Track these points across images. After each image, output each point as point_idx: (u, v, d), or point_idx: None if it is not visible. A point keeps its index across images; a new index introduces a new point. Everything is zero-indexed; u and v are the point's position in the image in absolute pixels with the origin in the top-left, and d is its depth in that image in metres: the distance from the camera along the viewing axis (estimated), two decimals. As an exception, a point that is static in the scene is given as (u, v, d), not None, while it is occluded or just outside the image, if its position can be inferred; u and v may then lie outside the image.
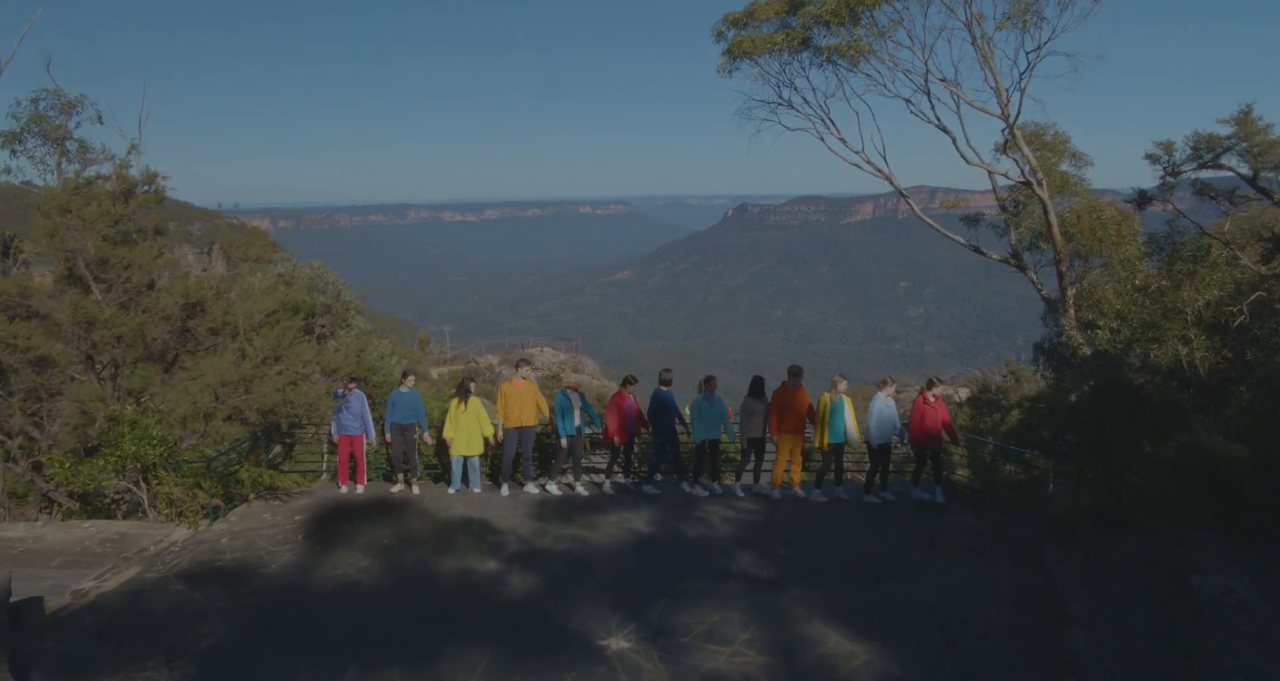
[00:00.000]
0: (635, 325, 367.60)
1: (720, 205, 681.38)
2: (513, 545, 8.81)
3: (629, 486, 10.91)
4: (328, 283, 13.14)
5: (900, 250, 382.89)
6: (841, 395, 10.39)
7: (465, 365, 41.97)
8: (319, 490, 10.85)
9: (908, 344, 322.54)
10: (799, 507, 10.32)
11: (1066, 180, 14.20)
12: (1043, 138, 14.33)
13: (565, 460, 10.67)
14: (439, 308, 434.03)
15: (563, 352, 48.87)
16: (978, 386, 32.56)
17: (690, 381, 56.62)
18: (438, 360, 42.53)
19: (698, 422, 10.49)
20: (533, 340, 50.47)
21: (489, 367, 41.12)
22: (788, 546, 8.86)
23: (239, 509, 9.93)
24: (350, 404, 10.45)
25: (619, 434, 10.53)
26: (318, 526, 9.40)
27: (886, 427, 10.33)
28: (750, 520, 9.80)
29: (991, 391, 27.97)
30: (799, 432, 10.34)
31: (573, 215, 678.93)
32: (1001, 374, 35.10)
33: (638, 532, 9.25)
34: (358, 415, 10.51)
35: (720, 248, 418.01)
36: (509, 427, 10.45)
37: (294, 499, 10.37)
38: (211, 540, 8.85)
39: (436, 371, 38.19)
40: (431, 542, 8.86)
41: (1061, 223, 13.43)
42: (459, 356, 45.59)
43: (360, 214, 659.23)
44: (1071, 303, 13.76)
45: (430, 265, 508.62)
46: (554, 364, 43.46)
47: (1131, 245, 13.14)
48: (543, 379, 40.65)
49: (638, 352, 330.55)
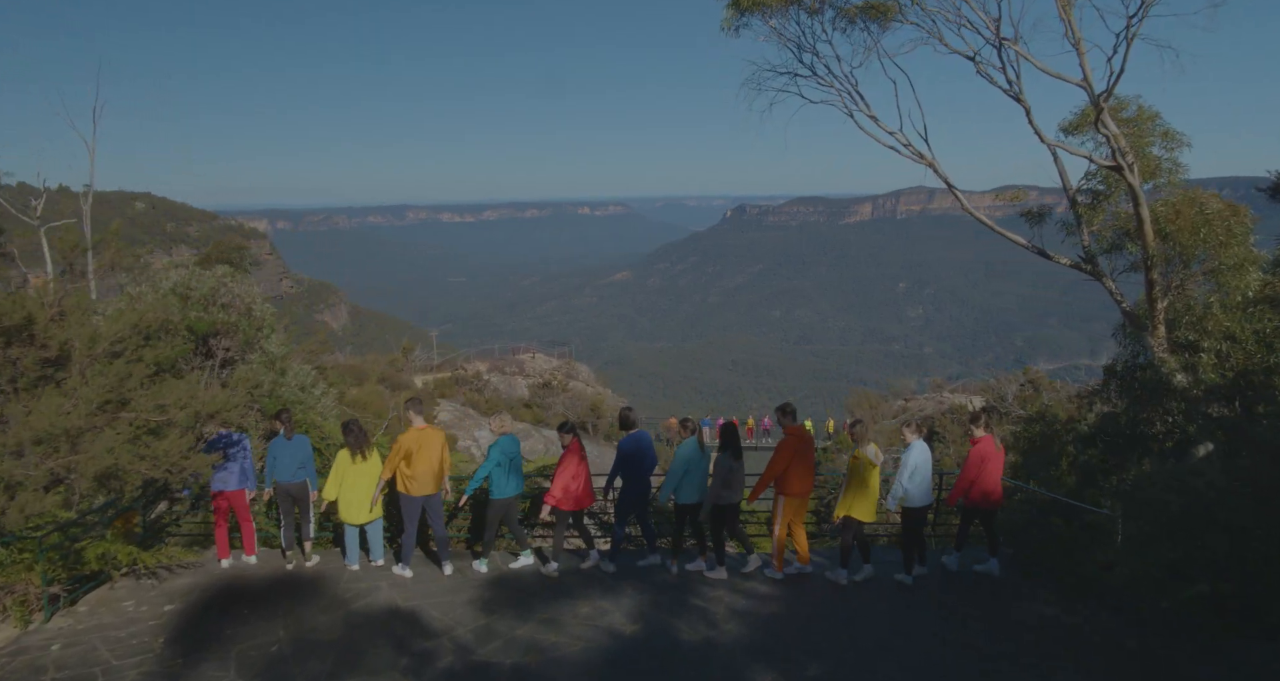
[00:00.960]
0: (634, 326, 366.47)
1: (719, 206, 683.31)
2: (446, 656, 6.44)
3: (597, 558, 8.32)
4: (235, 294, 10.32)
5: (899, 251, 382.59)
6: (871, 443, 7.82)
7: (453, 372, 39.14)
8: (210, 563, 8.46)
9: (906, 344, 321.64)
10: (822, 593, 7.93)
11: (1158, 165, 11.44)
12: (1121, 113, 11.54)
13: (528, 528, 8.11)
14: (438, 308, 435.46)
15: (555, 358, 45.41)
16: (992, 396, 29.81)
17: (688, 383, 53.66)
18: (424, 367, 39.79)
19: (689, 478, 7.91)
20: (524, 345, 47.54)
21: (476, 376, 38.29)
22: (822, 658, 6.49)
23: (95, 593, 7.59)
24: (232, 448, 8.13)
25: (570, 501, 7.92)
26: (189, 623, 7.06)
27: (928, 485, 7.96)
28: (766, 612, 7.45)
29: (1008, 402, 25.19)
30: (808, 494, 7.95)
31: (571, 216, 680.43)
32: (1018, 382, 32.32)
33: (616, 634, 6.89)
34: (236, 464, 8.11)
35: (719, 248, 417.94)
36: (409, 495, 7.81)
37: (172, 577, 7.99)
38: (37, 647, 6.49)
39: (421, 379, 35.80)
40: (335, 651, 6.49)
41: (1154, 218, 10.65)
42: (447, 363, 42.25)
43: (359, 215, 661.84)
44: (1162, 317, 10.97)
45: (429, 266, 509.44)
46: (546, 371, 40.94)
47: (1243, 246, 10.40)
48: (534, 388, 37.76)
49: (636, 354, 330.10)
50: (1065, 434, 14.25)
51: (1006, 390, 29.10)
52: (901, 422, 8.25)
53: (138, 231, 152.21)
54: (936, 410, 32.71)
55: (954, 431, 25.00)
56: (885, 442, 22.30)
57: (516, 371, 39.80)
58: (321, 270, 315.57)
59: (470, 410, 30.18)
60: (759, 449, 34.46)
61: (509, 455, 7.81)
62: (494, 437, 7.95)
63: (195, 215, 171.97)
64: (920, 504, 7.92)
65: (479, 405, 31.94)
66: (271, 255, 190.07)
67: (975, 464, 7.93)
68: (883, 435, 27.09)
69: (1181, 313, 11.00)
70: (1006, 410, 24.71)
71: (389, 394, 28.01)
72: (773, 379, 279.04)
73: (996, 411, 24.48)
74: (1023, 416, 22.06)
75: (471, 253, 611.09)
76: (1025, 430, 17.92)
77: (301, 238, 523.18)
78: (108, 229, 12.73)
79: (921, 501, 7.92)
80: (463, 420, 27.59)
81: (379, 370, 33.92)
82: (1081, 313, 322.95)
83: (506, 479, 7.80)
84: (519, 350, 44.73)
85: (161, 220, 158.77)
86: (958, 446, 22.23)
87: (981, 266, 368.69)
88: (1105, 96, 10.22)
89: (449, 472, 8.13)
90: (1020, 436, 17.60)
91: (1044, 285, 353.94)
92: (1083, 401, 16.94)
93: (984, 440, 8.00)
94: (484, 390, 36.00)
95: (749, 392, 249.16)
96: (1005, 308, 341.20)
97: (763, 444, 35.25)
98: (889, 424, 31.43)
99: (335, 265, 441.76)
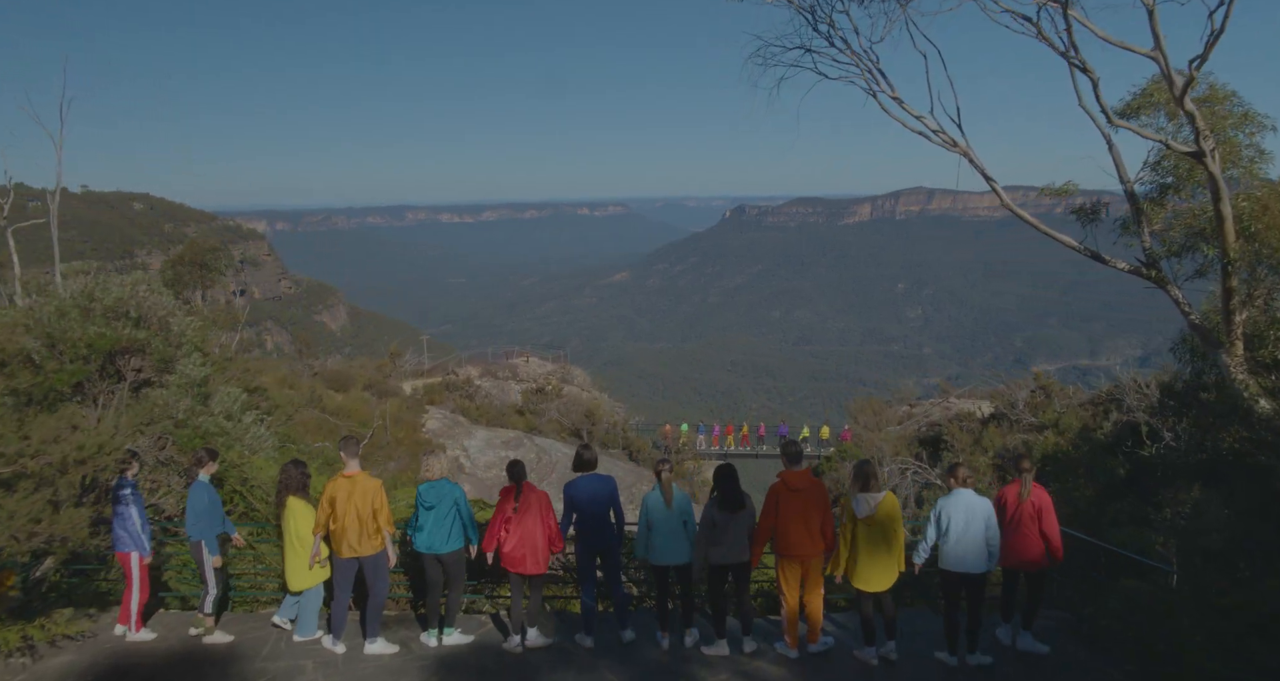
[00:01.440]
0: (633, 327, 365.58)
1: (718, 206, 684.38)
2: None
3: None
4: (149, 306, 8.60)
5: (898, 251, 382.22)
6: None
7: (444, 377, 37.62)
8: (104, 632, 7.00)
9: (906, 345, 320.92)
10: (848, 675, 6.43)
11: (1237, 152, 9.77)
12: (1190, 93, 9.83)
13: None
14: (437, 309, 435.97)
15: (550, 362, 43.43)
16: (1002, 402, 28.17)
17: (688, 384, 51.18)
18: (414, 372, 38.00)
19: (657, 536, 6.64)
20: (518, 348, 46.10)
21: (467, 382, 36.79)
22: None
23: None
24: (118, 499, 6.67)
25: (506, 559, 6.58)
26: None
27: (979, 546, 6.40)
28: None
29: (1019, 409, 23.66)
30: (815, 555, 6.51)
31: (571, 216, 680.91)
32: (1028, 388, 30.70)
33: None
34: (124, 521, 6.67)
35: (718, 249, 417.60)
36: (337, 557, 6.60)
37: (56, 653, 6.57)
38: None
39: (411, 384, 34.28)
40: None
41: (1235, 215, 8.95)
42: (438, 367, 40.29)
43: (358, 216, 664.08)
44: (1240, 332, 9.27)
45: (428, 266, 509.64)
46: (541, 375, 39.27)
47: (1340, 250, 8.72)
48: (527, 394, 36.18)
49: (635, 354, 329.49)
50: (1083, 446, 12.87)
51: (1016, 396, 27.75)
52: (948, 474, 6.54)
53: (136, 232, 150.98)
54: (943, 416, 31.00)
55: (963, 439, 23.55)
56: (894, 463, 20.65)
57: (509, 376, 38.15)
58: (321, 271, 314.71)
59: (461, 417, 28.88)
60: (759, 457, 32.68)
61: (427, 505, 6.57)
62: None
63: (194, 216, 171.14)
64: (962, 568, 6.39)
65: (469, 412, 30.57)
66: (270, 256, 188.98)
67: (1014, 520, 6.59)
68: (887, 444, 25.13)
69: (1265, 327, 9.33)
70: (1017, 417, 23.35)
71: (375, 401, 26.51)
72: (772, 379, 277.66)
73: (1006, 419, 23.02)
74: (1034, 424, 21.02)
75: (471, 253, 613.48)
76: (1041, 442, 16.18)
77: (301, 238, 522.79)
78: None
79: (964, 566, 6.38)
80: (452, 428, 26.13)
81: (365, 376, 32.40)
82: (1081, 313, 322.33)
83: (433, 531, 6.57)
84: (513, 354, 43.02)
85: (160, 221, 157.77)
86: (967, 455, 20.84)
87: (980, 266, 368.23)
88: (1198, 62, 8.46)
89: (389, 528, 6.69)
90: (1033, 446, 16.16)
91: (1043, 285, 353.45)
92: (1098, 409, 15.38)
93: (1025, 498, 6.57)
94: (475, 396, 34.42)
95: (748, 393, 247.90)
96: (1004, 308, 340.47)
97: (762, 452, 33.06)
98: (894, 431, 29.69)
99: (334, 266, 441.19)
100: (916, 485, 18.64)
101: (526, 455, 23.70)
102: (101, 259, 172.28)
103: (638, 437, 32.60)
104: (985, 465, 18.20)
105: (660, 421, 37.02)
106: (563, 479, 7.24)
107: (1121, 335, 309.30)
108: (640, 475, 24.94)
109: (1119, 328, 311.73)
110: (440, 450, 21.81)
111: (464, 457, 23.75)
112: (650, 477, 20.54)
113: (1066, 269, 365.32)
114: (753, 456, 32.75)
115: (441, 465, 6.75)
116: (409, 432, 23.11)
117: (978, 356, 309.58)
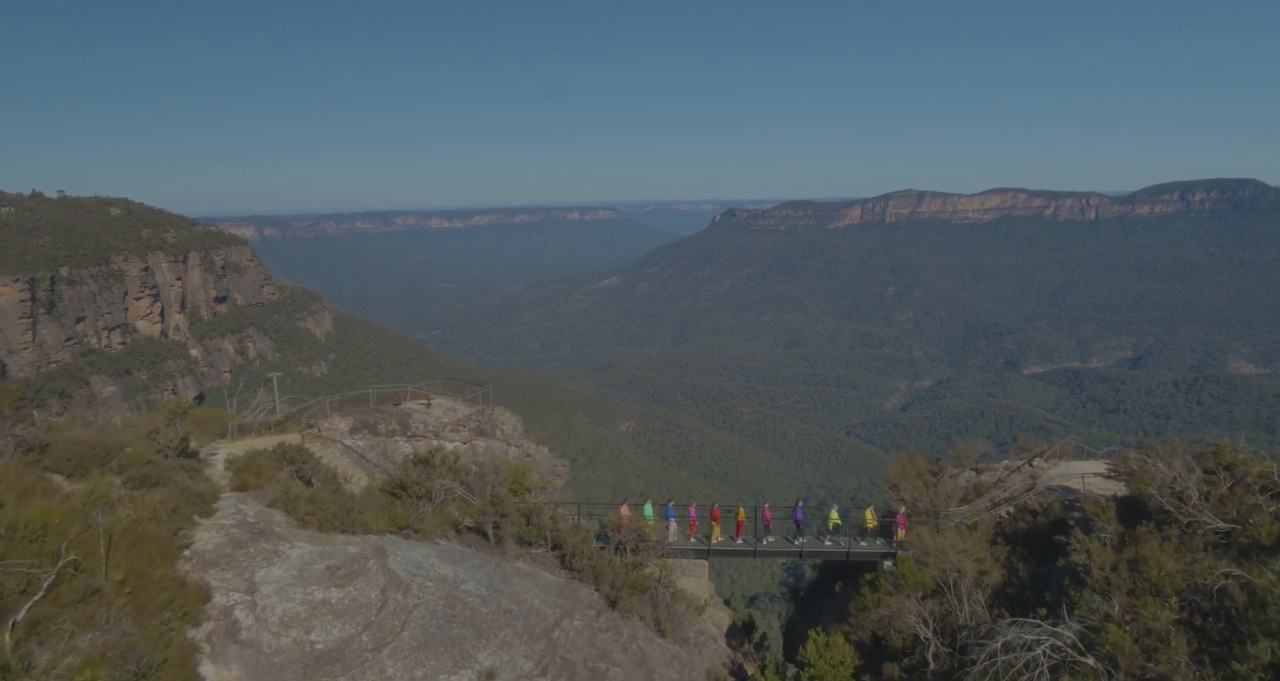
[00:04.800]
0: (623, 331, 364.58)
1: (708, 211, 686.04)
2: None
3: None
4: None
5: (888, 254, 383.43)
6: None
7: (302, 431, 25.32)
8: None
9: (896, 348, 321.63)
10: None
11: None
12: None
13: None
14: (425, 315, 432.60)
15: (465, 404, 30.06)
16: (1150, 485, 16.78)
17: (679, 387, 46.64)
18: (241, 426, 25.30)
19: None
20: (422, 387, 31.65)
21: (322, 441, 24.18)
22: None
23: None
24: None
25: None
26: None
27: None
28: None
29: (1194, 500, 15.56)
30: None
31: (560, 221, 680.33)
32: (1198, 468, 17.09)
33: None
34: None
35: (708, 253, 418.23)
36: None
37: None
38: None
39: (226, 448, 21.95)
40: None
41: None
42: (288, 420, 27.18)
43: (347, 221, 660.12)
44: None
45: (417, 272, 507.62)
46: (447, 424, 27.15)
47: None
48: (405, 465, 22.49)
49: (625, 359, 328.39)
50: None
51: (1177, 476, 16.29)
52: None
53: (113, 238, 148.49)
54: (1029, 490, 21.76)
55: (1103, 556, 15.06)
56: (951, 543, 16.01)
57: (397, 429, 26.06)
58: (309, 277, 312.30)
59: (276, 518, 16.82)
60: (757, 553, 23.54)
61: None
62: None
63: (173, 221, 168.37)
64: None
65: (297, 504, 17.38)
66: (253, 262, 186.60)
67: None
68: (967, 553, 17.56)
69: None
70: (1190, 518, 15.23)
71: (109, 499, 15.01)
72: (763, 383, 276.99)
73: (1170, 517, 15.53)
74: (1220, 533, 14.69)
75: (460, 258, 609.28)
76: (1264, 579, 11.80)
77: (289, 244, 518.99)
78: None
79: None
80: (244, 545, 15.38)
81: (140, 445, 18.40)
82: (1070, 316, 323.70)
83: None
84: (410, 396, 29.79)
85: (137, 226, 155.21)
86: (1121, 595, 13.78)
87: (970, 269, 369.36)
88: None
89: None
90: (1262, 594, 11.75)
91: (1033, 288, 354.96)
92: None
93: None
94: (315, 475, 20.26)
95: (739, 397, 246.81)
96: (994, 310, 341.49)
97: (767, 546, 23.34)
98: (960, 514, 21.33)
99: (323, 271, 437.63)
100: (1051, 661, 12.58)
101: (366, 594, 14.19)
102: (75, 265, 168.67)
103: (578, 525, 21.87)
104: (1159, 616, 12.35)
105: (621, 496, 28.32)
106: (417, 642, 5.08)
107: (1111, 336, 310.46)
108: (571, 603, 17.04)
109: (1109, 329, 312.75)
110: (199, 601, 13.17)
111: (245, 610, 13.59)
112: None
113: (1055, 271, 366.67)
114: (750, 553, 23.39)
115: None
116: (148, 566, 13.36)
117: (969, 359, 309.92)
